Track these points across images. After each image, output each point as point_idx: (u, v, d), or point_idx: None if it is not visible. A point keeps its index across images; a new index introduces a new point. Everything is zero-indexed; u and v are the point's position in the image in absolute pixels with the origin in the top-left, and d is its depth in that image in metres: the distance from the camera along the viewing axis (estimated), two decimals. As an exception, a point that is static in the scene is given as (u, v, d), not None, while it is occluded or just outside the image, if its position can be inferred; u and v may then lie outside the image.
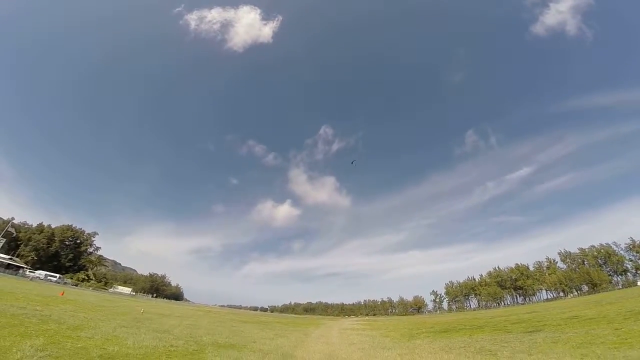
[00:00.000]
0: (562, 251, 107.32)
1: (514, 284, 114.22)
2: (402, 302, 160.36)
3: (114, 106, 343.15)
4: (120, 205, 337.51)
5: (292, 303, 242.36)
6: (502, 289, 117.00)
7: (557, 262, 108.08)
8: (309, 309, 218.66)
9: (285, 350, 9.49)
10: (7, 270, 60.11)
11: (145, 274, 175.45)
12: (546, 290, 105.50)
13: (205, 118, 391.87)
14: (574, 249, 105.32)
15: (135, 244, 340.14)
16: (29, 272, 69.02)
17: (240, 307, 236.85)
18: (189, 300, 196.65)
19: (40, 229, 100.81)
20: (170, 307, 38.17)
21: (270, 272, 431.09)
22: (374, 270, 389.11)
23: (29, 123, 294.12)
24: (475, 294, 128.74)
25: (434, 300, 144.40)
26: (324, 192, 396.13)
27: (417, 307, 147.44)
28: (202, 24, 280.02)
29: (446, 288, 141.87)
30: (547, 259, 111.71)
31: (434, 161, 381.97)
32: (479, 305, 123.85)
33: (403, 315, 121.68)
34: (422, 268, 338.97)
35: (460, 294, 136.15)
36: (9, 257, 74.19)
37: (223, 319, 25.64)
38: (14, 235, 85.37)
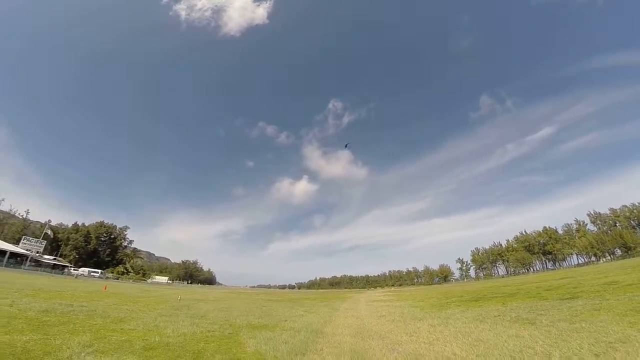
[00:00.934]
0: (592, 212, 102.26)
1: (542, 249, 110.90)
2: (428, 272, 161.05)
3: (120, 102, 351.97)
4: (144, 197, 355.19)
5: (318, 278, 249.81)
6: (531, 254, 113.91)
7: (586, 224, 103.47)
8: (335, 283, 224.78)
9: (316, 326, 9.75)
10: (54, 270, 64.83)
11: (179, 262, 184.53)
12: (577, 255, 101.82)
13: (212, 105, 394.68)
14: (604, 210, 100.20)
15: (165, 234, 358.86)
16: (73, 270, 74.19)
17: (269, 286, 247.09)
18: (221, 284, 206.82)
19: (76, 228, 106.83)
20: (205, 292, 40.25)
21: (294, 249, 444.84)
22: (397, 240, 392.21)
23: (45, 127, 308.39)
24: (503, 260, 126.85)
25: (461, 269, 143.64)
26: (339, 165, 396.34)
27: (443, 275, 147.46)
28: (193, 12, 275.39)
29: (472, 255, 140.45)
30: (576, 221, 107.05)
31: (450, 127, 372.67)
32: (507, 272, 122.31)
33: (429, 284, 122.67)
34: (446, 235, 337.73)
35: (487, 260, 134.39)
36: (53, 257, 79.76)
37: (254, 299, 26.77)
38: (53, 236, 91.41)
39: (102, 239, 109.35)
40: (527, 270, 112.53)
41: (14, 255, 57.75)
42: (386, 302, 23.57)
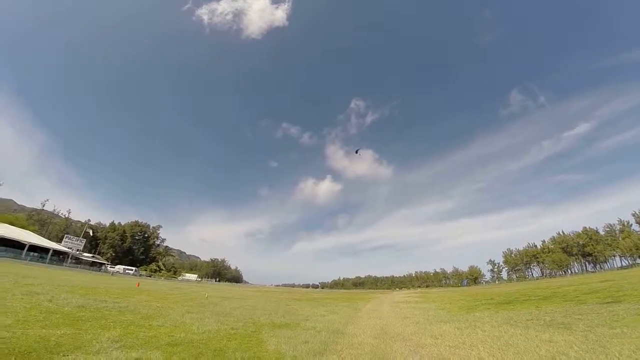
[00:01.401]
0: (637, 212, 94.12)
1: (581, 250, 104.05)
2: (457, 273, 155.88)
3: (155, 106, 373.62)
4: (176, 198, 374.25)
5: (342, 278, 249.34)
6: (569, 255, 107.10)
7: (631, 224, 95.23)
8: (358, 284, 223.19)
9: (337, 326, 9.68)
10: (92, 267, 69.32)
11: (208, 260, 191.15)
12: (620, 257, 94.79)
13: (237, 107, 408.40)
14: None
15: (195, 233, 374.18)
16: (110, 267, 78.87)
17: (293, 286, 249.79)
18: (247, 282, 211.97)
19: (113, 227, 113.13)
20: (231, 290, 41.33)
21: (318, 249, 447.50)
22: (424, 241, 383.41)
23: (85, 130, 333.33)
24: (538, 262, 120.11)
25: (492, 270, 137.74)
26: (363, 164, 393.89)
27: (473, 277, 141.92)
28: (215, 16, 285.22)
29: (504, 256, 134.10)
30: (620, 221, 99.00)
31: (478, 124, 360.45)
32: (543, 274, 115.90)
33: (457, 286, 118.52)
34: (476, 236, 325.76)
35: (521, 262, 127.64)
36: (92, 255, 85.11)
37: (278, 298, 27.11)
38: (92, 235, 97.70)
39: (137, 237, 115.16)
40: (564, 272, 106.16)
41: (56, 252, 62.32)
42: (411, 303, 23.02)
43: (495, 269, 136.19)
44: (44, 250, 58.41)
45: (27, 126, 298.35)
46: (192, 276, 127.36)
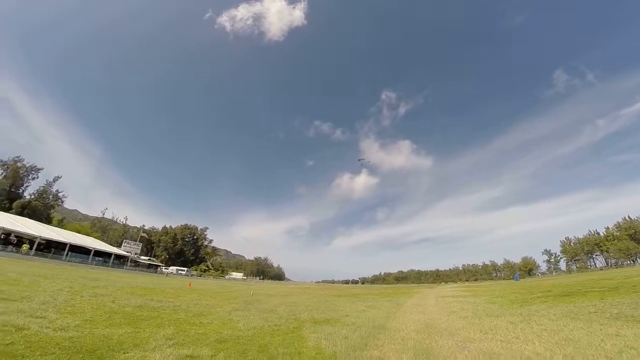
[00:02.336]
0: None
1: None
2: (508, 265, 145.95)
3: (195, 114, 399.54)
4: (219, 199, 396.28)
5: (383, 273, 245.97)
6: (637, 243, 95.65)
7: None
8: (401, 278, 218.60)
9: (378, 322, 9.54)
10: (149, 270, 75.43)
11: (252, 259, 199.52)
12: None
13: (269, 109, 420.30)
14: None
15: (239, 232, 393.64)
16: (164, 269, 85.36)
17: (332, 282, 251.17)
18: (289, 279, 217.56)
19: (166, 231, 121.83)
20: (274, 287, 42.75)
21: (357, 244, 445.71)
22: (471, 232, 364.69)
23: (135, 140, 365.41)
24: (601, 251, 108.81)
25: (548, 261, 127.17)
26: (400, 156, 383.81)
27: (527, 269, 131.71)
28: (236, 23, 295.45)
29: (562, 246, 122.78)
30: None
31: (520, 107, 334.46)
32: (607, 264, 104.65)
33: (509, 279, 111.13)
34: (528, 225, 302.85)
35: (581, 251, 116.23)
36: (148, 258, 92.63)
37: (318, 294, 27.46)
38: (147, 239, 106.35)
39: (187, 239, 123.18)
40: (633, 261, 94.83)
41: (117, 256, 68.80)
42: (458, 297, 22.05)
43: (552, 260, 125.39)
44: (106, 254, 64.84)
45: (84, 142, 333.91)
46: (238, 275, 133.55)
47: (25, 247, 43.06)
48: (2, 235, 43.93)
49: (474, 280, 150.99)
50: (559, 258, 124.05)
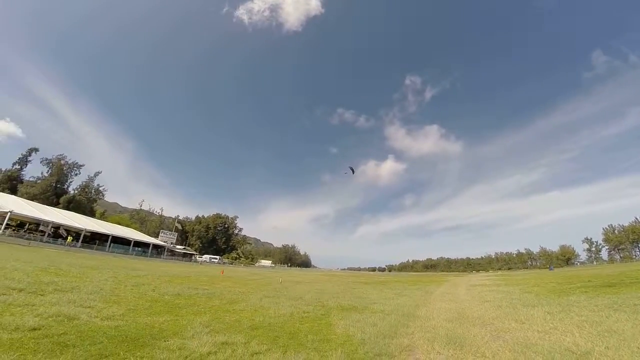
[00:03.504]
0: None
1: None
2: (545, 253, 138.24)
3: (224, 107, 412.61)
4: (248, 188, 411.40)
5: (411, 261, 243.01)
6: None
7: None
8: (430, 266, 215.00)
9: (407, 309, 9.47)
10: (184, 258, 79.65)
11: (279, 246, 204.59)
12: None
13: (293, 98, 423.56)
14: None
15: (267, 221, 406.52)
16: (198, 257, 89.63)
17: (359, 269, 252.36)
18: (315, 267, 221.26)
19: (198, 220, 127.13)
20: (302, 275, 43.71)
21: (383, 231, 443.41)
22: (504, 219, 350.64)
23: (167, 136, 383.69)
24: None
25: (589, 250, 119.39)
26: (428, 142, 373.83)
27: (565, 258, 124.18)
28: (253, 15, 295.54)
29: (605, 234, 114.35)
30: None
31: (558, 90, 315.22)
32: None
33: (545, 268, 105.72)
34: (567, 211, 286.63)
35: (626, 240, 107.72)
36: (183, 247, 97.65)
37: (344, 282, 27.71)
38: (181, 229, 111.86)
39: (219, 228, 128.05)
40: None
41: (155, 246, 73.14)
42: (491, 286, 21.36)
43: (593, 249, 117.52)
44: (145, 245, 69.13)
45: (119, 138, 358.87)
46: (267, 262, 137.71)
47: (70, 239, 46.97)
48: (52, 229, 48.10)
49: (507, 269, 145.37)
50: (600, 247, 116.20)
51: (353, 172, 34.13)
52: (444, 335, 5.78)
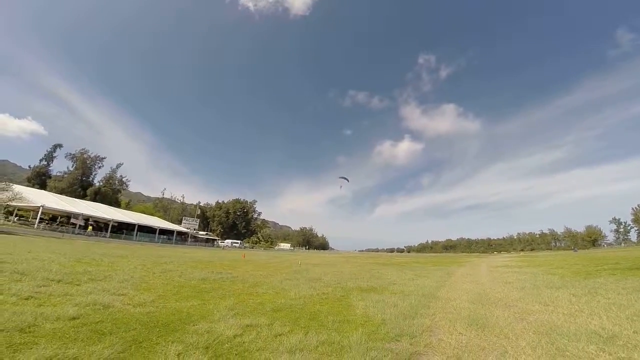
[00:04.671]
0: None
1: None
2: (570, 234, 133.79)
3: (237, 97, 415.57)
4: (265, 173, 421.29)
5: (430, 241, 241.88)
6: None
7: None
8: (449, 247, 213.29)
9: (427, 290, 9.46)
10: (207, 244, 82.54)
11: (298, 229, 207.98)
12: None
13: (305, 83, 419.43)
14: None
15: (285, 204, 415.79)
16: (220, 242, 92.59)
17: (377, 250, 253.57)
18: (333, 249, 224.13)
19: (219, 206, 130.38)
20: (320, 257, 44.47)
21: (401, 211, 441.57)
22: (526, 198, 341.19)
23: (183, 126, 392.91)
24: None
25: (616, 231, 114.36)
26: (445, 121, 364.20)
27: (591, 239, 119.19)
28: (258, 1, 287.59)
29: (634, 214, 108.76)
30: None
31: (582, 67, 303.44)
32: None
33: (570, 249, 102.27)
34: (593, 190, 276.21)
35: None
36: (206, 233, 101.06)
37: (362, 263, 27.99)
38: (203, 215, 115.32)
39: (238, 213, 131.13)
40: None
41: (179, 233, 76.13)
42: (513, 267, 21.00)
43: (622, 229, 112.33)
44: (169, 232, 72.06)
45: (137, 130, 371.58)
46: (286, 245, 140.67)
47: (90, 228, 49.27)
48: (83, 221, 50.82)
49: (530, 250, 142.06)
50: (629, 228, 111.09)
51: (348, 180, 36.30)
52: (465, 316, 5.76)
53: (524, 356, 3.57)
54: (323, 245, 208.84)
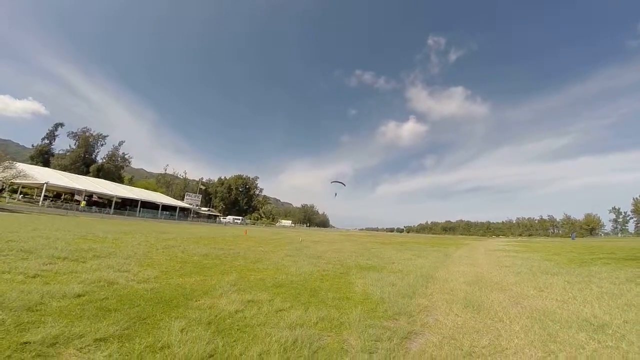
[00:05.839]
0: None
1: None
2: (569, 221, 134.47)
3: (238, 78, 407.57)
4: (268, 150, 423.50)
5: (429, 222, 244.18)
6: None
7: None
8: (448, 229, 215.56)
9: (425, 271, 9.62)
10: (209, 220, 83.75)
11: (299, 206, 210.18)
12: None
13: (309, 61, 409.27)
14: None
15: (287, 181, 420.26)
16: (222, 218, 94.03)
17: (377, 229, 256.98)
18: (333, 227, 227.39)
19: (221, 182, 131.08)
20: (320, 234, 45.12)
21: (403, 191, 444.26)
22: (529, 182, 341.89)
23: (186, 105, 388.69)
24: None
25: (615, 220, 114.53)
26: (452, 103, 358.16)
27: (589, 227, 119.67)
28: None
29: (634, 204, 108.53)
30: None
31: (599, 56, 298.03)
32: None
33: (567, 237, 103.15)
34: (596, 178, 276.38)
35: None
36: (208, 209, 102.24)
37: (362, 241, 28.39)
38: (205, 191, 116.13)
39: (240, 189, 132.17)
40: None
41: (181, 209, 77.15)
42: (510, 252, 21.25)
43: (620, 219, 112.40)
44: (172, 208, 72.96)
45: (138, 108, 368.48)
46: (287, 222, 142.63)
47: (83, 203, 49.50)
48: (86, 198, 51.33)
49: (528, 235, 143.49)
50: (628, 218, 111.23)
51: (344, 185, 35.72)
52: (462, 298, 5.88)
53: (517, 340, 3.65)
54: (324, 223, 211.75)
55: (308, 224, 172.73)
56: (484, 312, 4.97)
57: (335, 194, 36.76)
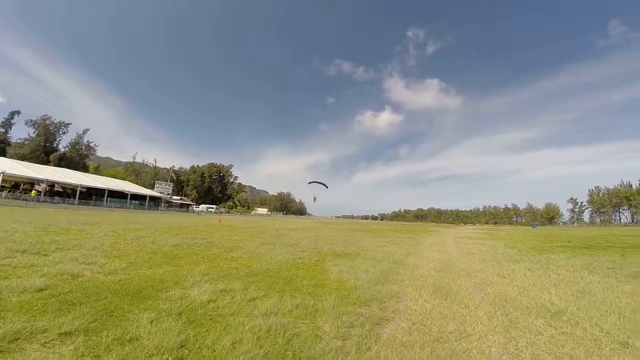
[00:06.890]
0: None
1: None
2: (531, 210, 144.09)
3: (215, 64, 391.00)
4: (244, 138, 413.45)
5: (402, 210, 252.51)
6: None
7: None
8: (420, 216, 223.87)
9: (397, 257, 9.98)
10: (181, 209, 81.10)
11: (275, 194, 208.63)
12: None
13: (287, 48, 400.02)
14: None
15: (263, 168, 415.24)
16: (195, 207, 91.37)
17: (352, 217, 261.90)
18: (310, 214, 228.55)
19: (194, 170, 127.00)
20: (297, 222, 45.26)
21: (378, 179, 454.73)
22: (496, 172, 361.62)
23: (156, 91, 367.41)
24: (630, 205, 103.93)
25: (572, 210, 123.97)
26: (427, 95, 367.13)
27: (549, 216, 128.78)
28: None
29: (590, 195, 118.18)
30: None
31: (568, 53, 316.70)
32: (633, 220, 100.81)
33: (529, 225, 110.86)
34: (558, 170, 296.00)
35: (609, 203, 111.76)
36: (180, 198, 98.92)
37: (338, 229, 28.83)
38: (176, 179, 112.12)
39: (214, 177, 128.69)
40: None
41: (152, 198, 73.86)
42: (477, 239, 22.43)
43: (577, 209, 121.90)
44: (142, 197, 69.60)
45: (105, 95, 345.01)
46: (263, 210, 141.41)
47: (33, 192, 45.75)
48: (47, 188, 47.74)
49: (494, 223, 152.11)
50: (584, 208, 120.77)
51: (327, 186, 36.20)
52: (431, 284, 6.15)
53: (481, 326, 3.86)
54: (300, 211, 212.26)
55: (285, 212, 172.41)
56: (451, 298, 5.22)
57: (315, 199, 36.72)
